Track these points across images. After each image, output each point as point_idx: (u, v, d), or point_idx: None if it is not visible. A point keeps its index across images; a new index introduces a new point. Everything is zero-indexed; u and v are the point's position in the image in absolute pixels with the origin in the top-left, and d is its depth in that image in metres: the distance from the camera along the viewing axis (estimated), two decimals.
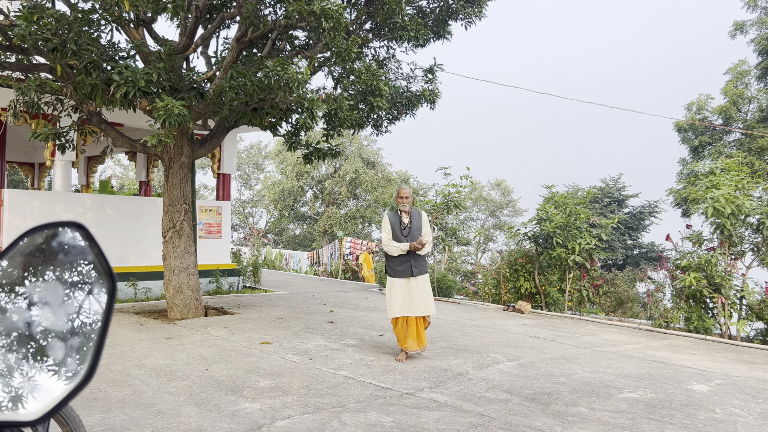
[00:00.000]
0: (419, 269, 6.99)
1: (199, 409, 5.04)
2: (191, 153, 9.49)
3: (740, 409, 5.62)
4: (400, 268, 6.97)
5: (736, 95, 24.07)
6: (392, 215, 7.17)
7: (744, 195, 10.18)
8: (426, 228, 7.14)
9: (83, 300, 0.58)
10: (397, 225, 7.07)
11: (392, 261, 7.05)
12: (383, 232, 7.15)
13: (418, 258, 7.00)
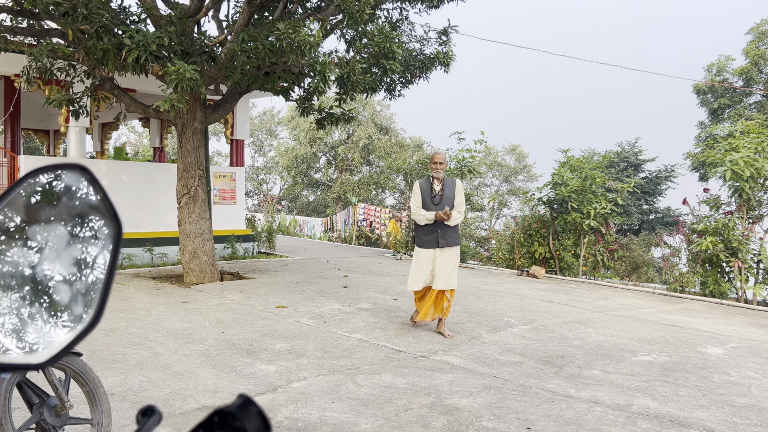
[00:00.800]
0: (446, 241, 6.48)
1: (216, 370, 5.11)
2: (204, 118, 9.46)
3: (755, 372, 5.61)
4: (426, 239, 6.54)
5: (758, 56, 23.51)
6: (423, 182, 6.69)
7: (764, 158, 10.01)
8: (459, 197, 6.61)
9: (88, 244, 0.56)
10: (427, 192, 6.58)
11: (420, 230, 6.64)
12: (413, 198, 6.70)
13: (446, 229, 6.49)
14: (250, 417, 0.57)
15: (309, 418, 4.09)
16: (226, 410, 0.56)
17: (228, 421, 0.56)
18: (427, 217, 6.46)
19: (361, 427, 3.97)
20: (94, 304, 0.55)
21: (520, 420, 4.19)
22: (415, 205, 6.62)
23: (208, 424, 0.56)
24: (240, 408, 0.57)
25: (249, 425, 0.56)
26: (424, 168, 14.41)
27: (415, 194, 6.66)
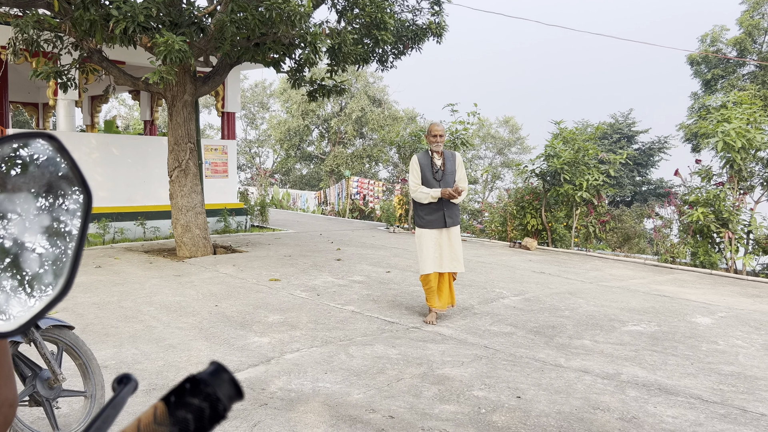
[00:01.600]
0: (453, 219, 6.02)
1: (210, 343, 5.14)
2: (194, 90, 9.37)
3: (742, 341, 5.69)
4: (431, 218, 5.97)
5: (752, 26, 23.38)
6: (422, 156, 6.09)
7: (756, 129, 10.02)
8: (461, 172, 6.12)
9: (57, 212, 0.56)
10: (428, 167, 5.99)
11: (422, 210, 6.05)
12: (411, 175, 6.08)
13: (451, 206, 6.01)
14: (222, 383, 0.57)
15: (302, 389, 4.13)
16: (198, 377, 0.57)
17: (200, 387, 0.56)
18: (432, 194, 5.90)
19: (353, 397, 4.02)
20: (64, 273, 0.55)
21: (510, 389, 4.25)
22: (414, 182, 6.02)
23: (180, 391, 0.56)
24: (212, 375, 0.57)
25: (221, 391, 0.56)
26: (418, 140, 14.35)
27: (414, 170, 6.06)
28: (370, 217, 21.13)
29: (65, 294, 0.55)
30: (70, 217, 0.56)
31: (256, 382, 4.24)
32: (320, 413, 3.74)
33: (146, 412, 0.56)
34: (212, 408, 0.55)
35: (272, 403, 3.88)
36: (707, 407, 4.02)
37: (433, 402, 3.97)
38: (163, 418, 0.55)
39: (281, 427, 3.52)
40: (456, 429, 3.57)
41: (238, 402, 0.57)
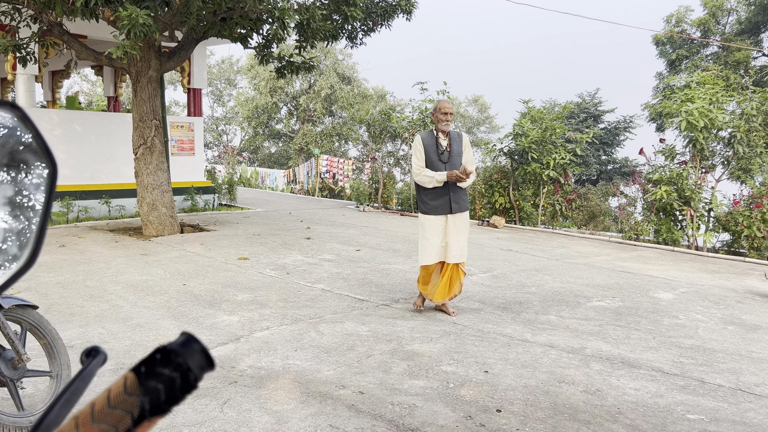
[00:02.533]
0: (459, 205, 5.56)
1: (178, 322, 5.10)
2: (159, 66, 9.17)
3: (702, 315, 5.86)
4: (435, 203, 5.52)
5: (716, 7, 23.74)
6: (427, 136, 5.62)
7: (717, 109, 10.22)
8: (468, 153, 5.66)
9: (22, 184, 0.55)
10: (433, 149, 5.53)
11: (425, 194, 5.58)
12: (414, 157, 5.59)
13: (458, 191, 5.55)
14: (192, 354, 0.57)
15: (272, 366, 4.14)
16: (169, 347, 0.56)
17: (170, 357, 0.56)
18: (438, 178, 5.43)
19: (323, 373, 4.04)
20: (29, 245, 0.54)
21: (478, 364, 4.32)
22: (418, 164, 5.54)
23: (151, 361, 0.56)
24: (182, 345, 0.57)
25: (192, 361, 0.56)
26: (388, 119, 14.30)
27: (417, 151, 5.57)
28: (340, 195, 21.09)
29: (30, 266, 0.54)
30: (35, 189, 0.55)
31: (226, 361, 4.23)
32: (290, 390, 3.75)
33: (116, 383, 0.56)
34: (183, 378, 0.55)
35: (242, 380, 3.88)
36: (668, 379, 4.15)
37: (403, 377, 4.02)
38: (133, 388, 0.54)
39: (251, 404, 3.53)
40: (425, 404, 3.62)
41: (210, 372, 0.57)
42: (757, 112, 10.17)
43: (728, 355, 4.70)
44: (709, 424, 3.47)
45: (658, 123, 23.33)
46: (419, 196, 5.69)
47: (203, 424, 3.29)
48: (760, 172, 11.25)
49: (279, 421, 3.35)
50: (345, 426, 3.30)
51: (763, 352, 4.81)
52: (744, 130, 10.13)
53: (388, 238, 9.71)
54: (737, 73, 21.40)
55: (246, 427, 3.28)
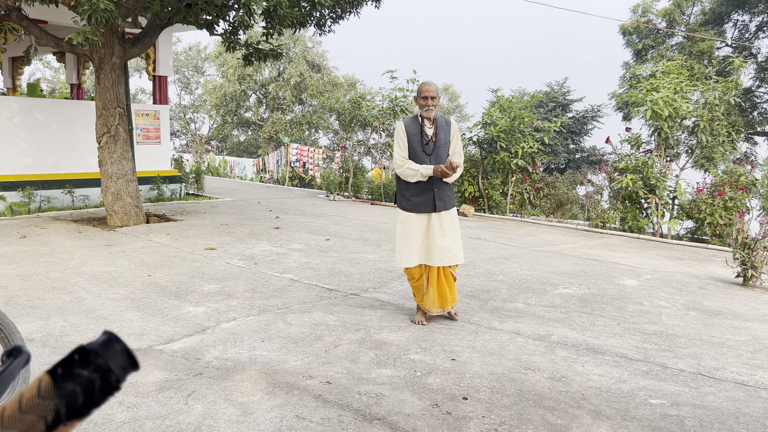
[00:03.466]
0: (444, 202, 4.98)
1: (142, 314, 5.02)
2: (123, 53, 8.97)
3: (665, 301, 5.97)
4: (417, 200, 4.95)
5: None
6: (410, 123, 5.01)
7: (682, 98, 10.38)
8: (456, 143, 5.07)
9: None
10: (417, 138, 4.94)
11: (406, 189, 5.01)
12: (396, 146, 4.99)
13: (443, 187, 4.97)
14: (114, 354, 0.54)
15: (238, 358, 4.10)
16: (88, 347, 0.53)
17: (89, 358, 0.53)
18: (422, 172, 4.85)
19: (290, 364, 4.01)
20: None
21: (445, 352, 4.33)
22: (400, 155, 4.96)
23: (68, 362, 0.53)
24: (103, 345, 0.54)
25: (113, 362, 0.53)
26: (358, 107, 14.22)
27: (399, 140, 4.98)
28: (310, 185, 20.97)
29: None
30: None
31: (191, 352, 4.18)
32: (257, 381, 3.72)
33: (30, 386, 0.53)
34: (103, 379, 0.52)
35: (207, 372, 3.84)
36: (631, 365, 4.22)
37: (370, 367, 4.02)
38: (47, 392, 0.51)
39: (216, 396, 3.49)
40: (392, 392, 3.62)
41: (133, 372, 0.55)
42: (719, 102, 10.36)
43: (690, 341, 4.79)
44: (670, 408, 3.54)
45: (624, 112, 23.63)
46: (399, 190, 5.10)
47: (167, 417, 3.24)
48: (722, 160, 11.47)
49: (244, 412, 3.32)
50: (311, 416, 3.29)
51: (723, 337, 4.92)
52: (707, 120, 10.31)
53: (358, 228, 9.69)
54: (701, 63, 21.78)
55: (211, 419, 3.24)
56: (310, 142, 32.27)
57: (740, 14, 24.09)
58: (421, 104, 4.94)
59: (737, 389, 3.86)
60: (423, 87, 4.94)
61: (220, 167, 23.01)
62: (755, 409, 3.58)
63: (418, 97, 4.97)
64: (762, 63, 23.58)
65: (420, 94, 4.94)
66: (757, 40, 24.26)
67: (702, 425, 3.34)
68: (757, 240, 6.81)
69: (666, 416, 3.44)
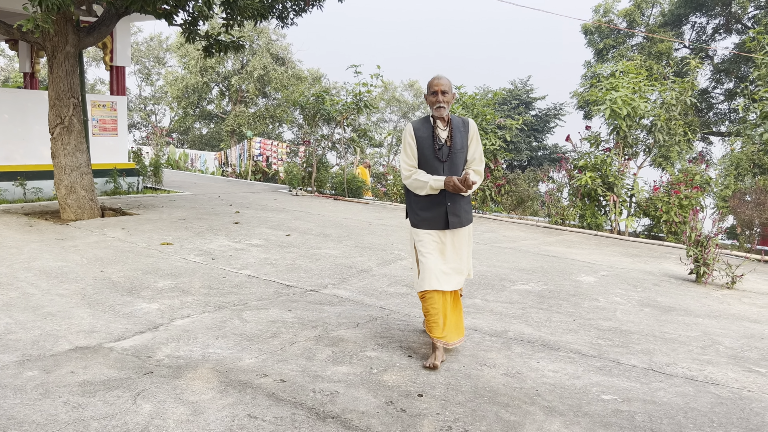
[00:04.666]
0: (459, 218, 4.20)
1: (93, 310, 4.88)
2: (77, 42, 8.71)
3: (621, 298, 6.06)
4: (427, 215, 4.20)
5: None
6: (421, 126, 4.24)
7: (640, 97, 10.56)
8: (476, 148, 4.27)
9: None
10: (428, 143, 4.17)
11: (416, 202, 4.26)
12: (402, 153, 4.29)
13: (458, 200, 4.19)
14: None
15: (191, 356, 4.01)
16: None
17: None
18: (432, 185, 4.09)
19: (244, 362, 3.94)
20: None
21: (402, 348, 4.31)
22: (408, 164, 4.22)
23: None
24: None
25: None
26: (322, 102, 14.10)
27: (407, 145, 4.24)
28: (273, 179, 20.78)
29: None
30: None
31: (142, 350, 4.07)
32: (209, 379, 3.64)
33: None
34: None
35: (158, 370, 3.74)
36: (585, 361, 4.26)
37: (326, 364, 3.97)
38: None
39: (166, 395, 3.41)
40: (347, 390, 3.58)
41: None
42: (676, 102, 10.57)
43: (643, 336, 4.87)
44: (622, 404, 3.58)
45: (585, 111, 24.00)
46: (408, 202, 4.37)
47: (114, 417, 3.14)
48: (678, 159, 11.73)
49: (195, 411, 3.24)
50: (263, 415, 3.23)
51: (675, 333, 5.01)
52: (664, 119, 10.52)
53: (320, 223, 9.61)
54: (660, 64, 22.23)
55: (160, 419, 3.15)
56: (274, 136, 31.98)
57: (698, 16, 24.67)
58: (432, 101, 4.18)
59: (687, 384, 3.93)
60: (433, 81, 4.20)
61: (180, 160, 22.62)
62: (703, 403, 3.65)
63: (428, 94, 4.23)
64: (718, 65, 24.20)
65: (429, 90, 4.20)
66: (714, 42, 24.90)
67: (652, 420, 3.39)
68: (710, 238, 6.96)
69: (617, 412, 3.48)
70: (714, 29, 24.78)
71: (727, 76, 23.91)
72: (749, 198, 9.86)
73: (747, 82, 17.28)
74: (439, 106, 4.12)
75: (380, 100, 35.64)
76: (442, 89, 4.12)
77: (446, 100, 4.12)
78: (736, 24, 23.75)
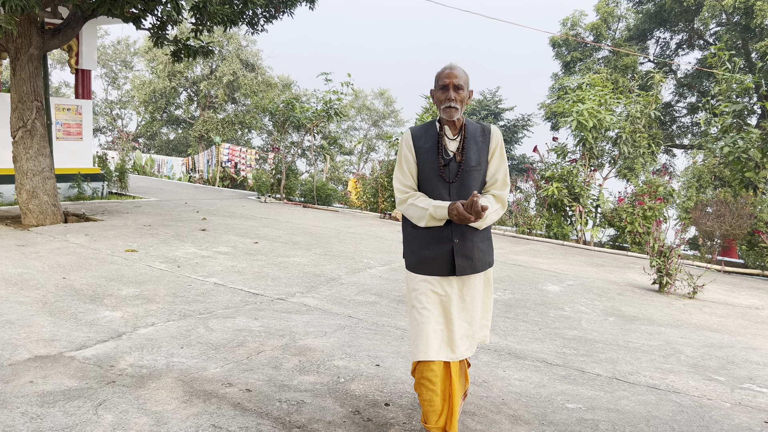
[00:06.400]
0: (471, 261, 3.07)
1: (54, 318, 4.76)
2: (42, 44, 8.54)
3: (585, 307, 6.15)
4: (427, 254, 3.08)
5: (607, 13, 25.05)
6: (422, 133, 3.14)
7: (606, 110, 10.77)
8: (499, 164, 3.11)
9: None
10: (431, 156, 3.07)
11: (414, 236, 3.17)
12: (396, 169, 3.18)
13: (470, 236, 3.06)
14: None
15: (155, 365, 3.94)
16: None
17: None
18: (435, 214, 2.98)
19: (210, 371, 3.89)
20: None
21: (370, 357, 4.31)
22: (403, 183, 3.12)
23: None
24: None
25: None
26: (291, 109, 14.04)
27: (403, 159, 3.13)
28: (242, 186, 20.62)
29: None
30: None
31: (104, 359, 3.99)
32: (173, 389, 3.58)
33: None
34: None
35: (121, 380, 3.67)
36: (551, 369, 4.30)
37: (293, 373, 3.94)
38: None
39: (129, 405, 3.34)
40: (313, 399, 3.56)
41: None
42: (641, 115, 10.80)
43: (607, 345, 4.94)
44: (586, 413, 3.63)
45: (553, 122, 24.35)
46: (404, 235, 3.25)
47: (74, 428, 3.07)
48: (643, 171, 11.98)
49: (158, 422, 3.18)
50: (228, 425, 3.19)
51: (638, 342, 5.10)
52: (629, 131, 10.73)
53: (289, 231, 9.56)
54: (625, 77, 22.70)
55: (122, 429, 3.09)
56: (243, 143, 31.74)
57: (662, 32, 25.28)
58: (439, 99, 3.00)
59: (649, 393, 4.00)
60: (443, 71, 3.01)
61: (146, 166, 22.29)
62: (665, 411, 3.71)
63: (436, 89, 3.04)
64: (681, 79, 24.81)
65: (438, 83, 3.01)
66: (677, 57, 25.53)
67: (615, 429, 3.44)
68: (672, 248, 7.11)
69: (581, 420, 3.52)
70: (677, 44, 25.41)
71: (689, 91, 24.53)
72: (710, 210, 10.11)
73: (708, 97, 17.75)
74: (449, 105, 2.96)
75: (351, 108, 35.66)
76: (456, 83, 2.95)
77: (460, 98, 2.97)
78: (699, 40, 24.40)
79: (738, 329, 5.80)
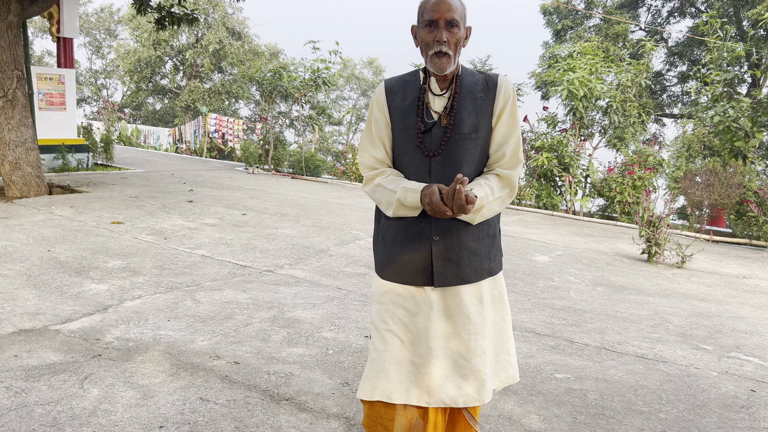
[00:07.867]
0: (456, 267, 2.10)
1: (39, 291, 4.70)
2: (21, 11, 8.31)
3: (574, 277, 6.15)
4: (401, 253, 2.14)
5: None
6: (400, 86, 2.19)
7: (597, 79, 10.68)
8: (507, 131, 2.12)
9: None
10: (409, 117, 2.13)
11: (386, 226, 2.20)
12: (364, 134, 2.25)
13: (456, 232, 2.09)
14: None
15: (141, 338, 3.90)
16: None
17: None
18: (405, 200, 2.05)
19: (197, 344, 3.86)
20: None
21: (359, 329, 4.29)
22: (372, 155, 2.21)
23: None
24: None
25: None
26: (279, 78, 13.83)
27: (374, 122, 2.21)
28: (230, 157, 20.44)
29: None
30: None
31: (90, 332, 3.94)
32: (160, 362, 3.55)
33: None
34: None
35: (107, 353, 3.63)
36: (539, 340, 4.31)
37: (281, 345, 3.92)
38: None
39: (115, 379, 3.30)
40: (302, 372, 3.54)
41: None
42: (632, 84, 10.73)
43: (596, 315, 4.95)
44: (575, 383, 3.63)
45: (543, 91, 24.21)
46: (375, 225, 2.31)
47: (59, 402, 3.03)
48: (633, 140, 11.94)
49: (145, 395, 3.15)
50: (216, 398, 3.16)
51: (627, 312, 5.11)
52: (620, 101, 10.67)
53: (277, 202, 9.48)
54: (616, 45, 22.53)
55: (108, 403, 3.06)
56: (230, 113, 31.39)
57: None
58: (426, 41, 2.06)
59: (637, 362, 4.01)
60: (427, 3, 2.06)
61: (132, 136, 22.01)
62: (652, 381, 3.73)
63: (420, 26, 2.09)
64: (672, 48, 24.67)
65: (423, 16, 2.07)
66: (668, 25, 25.34)
67: (603, 398, 3.45)
68: (661, 218, 7.11)
69: (570, 390, 3.53)
70: (669, 12, 25.21)
71: (680, 59, 24.41)
72: (699, 179, 10.12)
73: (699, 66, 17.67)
74: (439, 50, 2.03)
75: (339, 77, 35.28)
76: (448, 17, 2.02)
77: (454, 40, 2.05)
78: (690, 8, 24.21)
79: (725, 298, 5.83)
